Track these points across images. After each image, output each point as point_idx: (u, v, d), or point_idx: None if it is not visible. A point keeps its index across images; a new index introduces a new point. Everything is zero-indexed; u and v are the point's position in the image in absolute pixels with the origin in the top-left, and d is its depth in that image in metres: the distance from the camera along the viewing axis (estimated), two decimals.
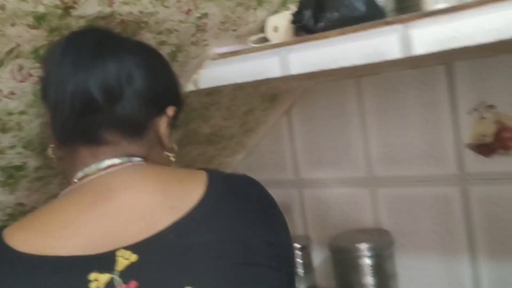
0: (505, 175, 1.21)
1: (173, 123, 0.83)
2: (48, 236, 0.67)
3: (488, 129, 1.22)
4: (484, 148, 1.23)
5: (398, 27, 0.84)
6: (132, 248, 0.66)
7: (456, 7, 0.79)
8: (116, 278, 0.64)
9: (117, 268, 0.65)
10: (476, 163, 1.24)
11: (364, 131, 1.40)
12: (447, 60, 1.23)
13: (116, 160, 0.76)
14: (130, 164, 0.76)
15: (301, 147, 1.53)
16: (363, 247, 1.28)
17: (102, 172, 0.75)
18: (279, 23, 1.05)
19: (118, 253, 0.65)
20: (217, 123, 1.39)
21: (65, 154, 0.80)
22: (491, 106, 1.21)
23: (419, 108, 1.30)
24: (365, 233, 1.36)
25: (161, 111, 0.80)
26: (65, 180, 1.16)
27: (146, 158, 0.79)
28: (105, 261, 0.65)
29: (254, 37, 1.10)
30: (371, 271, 1.27)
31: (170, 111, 0.81)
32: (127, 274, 0.64)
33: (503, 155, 1.21)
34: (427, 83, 1.28)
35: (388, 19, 0.86)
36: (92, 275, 0.64)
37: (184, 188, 0.72)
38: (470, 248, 1.27)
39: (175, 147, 0.84)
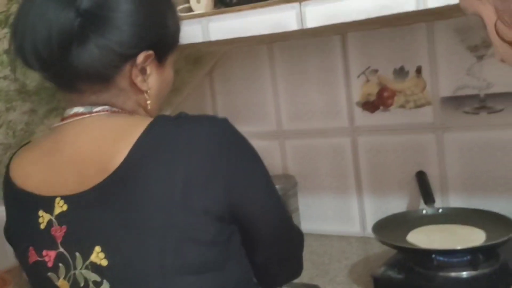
0: (386, 127, 1.49)
1: (159, 64, 0.81)
2: (25, 174, 0.80)
3: (373, 90, 1.49)
4: (369, 106, 1.50)
5: (295, 5, 1.07)
6: (65, 198, 0.76)
7: None
8: (53, 220, 0.76)
9: (54, 213, 0.76)
10: (363, 118, 1.52)
11: (275, 90, 1.64)
12: (342, 31, 1.48)
13: (80, 109, 0.79)
14: (88, 116, 0.78)
15: (221, 104, 1.74)
16: None
17: (68, 120, 0.80)
18: None
19: (56, 200, 0.76)
20: None
21: None
22: (375, 71, 1.48)
23: (319, 72, 1.55)
24: (274, 178, 1.60)
25: (132, 56, 0.78)
26: (9, 130, 1.32)
27: (115, 105, 0.80)
28: (48, 203, 0.76)
29: (180, 7, 1.28)
30: None
31: (141, 57, 0.78)
32: (60, 219, 0.76)
33: (384, 111, 1.49)
34: (326, 50, 1.53)
35: None
36: (40, 212, 0.77)
37: (117, 145, 0.74)
38: (358, 187, 1.56)
39: (150, 89, 0.81)
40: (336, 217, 1.60)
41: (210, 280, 0.74)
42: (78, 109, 0.79)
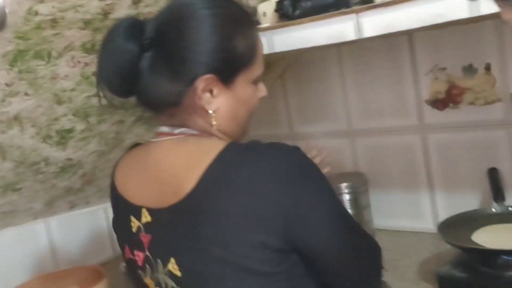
0: (456, 124, 1.49)
1: (226, 86, 0.84)
2: (123, 181, 0.92)
3: (441, 87, 1.49)
4: (438, 103, 1.51)
5: (352, 16, 1.12)
6: (149, 210, 0.85)
7: (393, 1, 1.06)
8: (141, 227, 0.86)
9: (141, 221, 0.86)
10: (432, 115, 1.53)
11: (344, 91, 1.69)
12: (409, 32, 1.49)
13: (165, 129, 0.87)
14: (170, 138, 0.86)
15: (294, 105, 1.81)
16: (343, 186, 1.59)
17: (158, 138, 0.88)
18: (267, 9, 1.32)
19: (142, 210, 0.85)
20: None
21: None
22: (443, 69, 1.48)
23: (387, 70, 1.58)
24: (345, 176, 1.67)
25: (190, 83, 0.83)
26: (102, 140, 1.48)
27: (190, 126, 0.86)
28: (137, 212, 0.86)
29: None
30: (350, 204, 1.58)
31: (199, 82, 0.82)
32: (146, 227, 0.85)
33: (453, 108, 1.49)
34: (394, 50, 1.55)
35: (345, 10, 1.13)
36: (132, 217, 0.88)
37: (189, 171, 0.79)
38: (429, 184, 1.57)
39: (221, 107, 0.85)
40: (407, 213, 1.63)
41: None
42: (164, 129, 0.88)
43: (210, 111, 0.84)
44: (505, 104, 1.40)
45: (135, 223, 0.87)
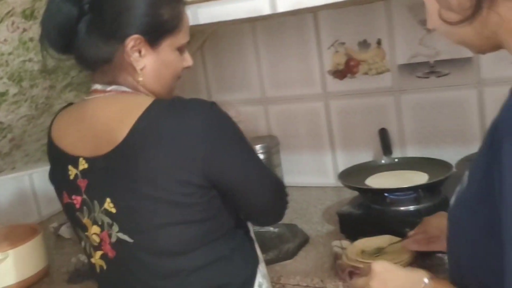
0: (353, 92, 1.74)
1: (153, 47, 0.96)
2: (60, 134, 1.02)
3: (341, 60, 1.73)
4: (338, 74, 1.74)
5: None
6: (86, 159, 0.96)
7: None
8: (79, 173, 0.98)
9: (79, 168, 0.97)
10: (334, 84, 1.76)
11: (258, 62, 1.88)
12: (314, 10, 1.70)
13: (98, 86, 0.98)
14: (102, 95, 0.97)
15: (212, 75, 1.98)
16: (258, 147, 1.78)
17: (90, 96, 0.99)
18: None
19: (80, 160, 0.97)
20: None
21: None
22: (342, 43, 1.71)
23: (295, 45, 1.79)
24: (260, 138, 1.87)
25: (120, 41, 0.93)
26: (33, 104, 1.55)
27: (120, 83, 0.97)
28: (74, 161, 0.97)
29: None
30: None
31: (128, 40, 0.93)
32: (83, 174, 0.96)
33: (351, 78, 1.73)
34: (301, 26, 1.76)
35: None
36: (69, 167, 1.00)
37: (120, 123, 0.92)
38: (331, 144, 1.81)
39: (147, 66, 0.96)
40: (313, 171, 1.86)
41: (193, 230, 0.94)
42: (97, 87, 0.99)
43: (138, 68, 0.96)
44: (392, 74, 1.66)
45: (72, 171, 0.98)
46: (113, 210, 0.94)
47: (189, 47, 1.93)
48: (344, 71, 1.73)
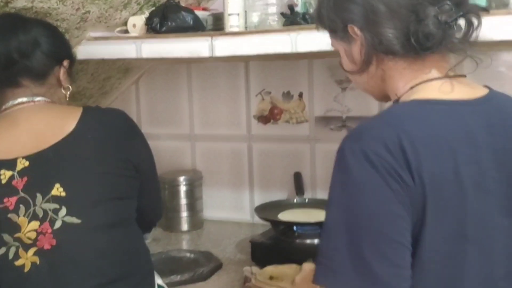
0: (274, 137, 1.91)
1: (69, 72, 1.25)
2: None
3: (266, 107, 1.91)
4: (263, 119, 1.92)
5: (208, 38, 1.45)
6: (26, 157, 1.07)
7: (240, 32, 1.43)
8: (15, 174, 1.08)
9: (16, 169, 1.08)
10: (258, 128, 1.93)
11: (190, 101, 2.02)
12: (246, 60, 1.89)
13: (24, 99, 1.16)
14: (32, 103, 1.16)
15: (145, 108, 2.09)
16: (181, 178, 1.90)
17: (15, 108, 1.15)
18: (137, 22, 1.60)
19: (18, 160, 1.09)
20: (82, 84, 1.88)
21: None
22: (268, 92, 1.90)
23: (226, 89, 1.95)
24: (184, 171, 1.98)
25: (59, 63, 1.22)
26: None
27: (47, 96, 1.18)
28: (10, 164, 1.08)
29: (119, 29, 1.63)
30: (185, 195, 1.89)
31: (65, 62, 1.23)
32: (22, 173, 1.08)
33: (273, 124, 1.91)
34: (232, 73, 1.94)
35: (202, 33, 1.47)
36: (2, 171, 1.08)
37: (64, 121, 1.11)
38: (250, 183, 1.96)
39: (69, 87, 1.24)
40: (231, 206, 2.00)
41: (127, 205, 1.14)
42: (22, 99, 1.16)
43: (68, 86, 1.25)
44: (310, 124, 1.86)
45: (6, 175, 1.07)
46: (63, 194, 1.05)
47: (125, 80, 2.06)
48: (268, 117, 1.91)
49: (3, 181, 1.07)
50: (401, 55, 0.83)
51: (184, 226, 1.90)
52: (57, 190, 1.05)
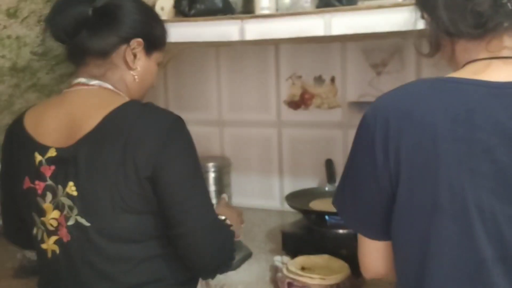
0: (305, 123, 1.86)
1: (146, 55, 1.11)
2: (35, 122, 1.08)
3: (297, 92, 1.85)
4: (293, 104, 1.87)
5: (238, 21, 1.41)
6: (57, 149, 1.03)
7: (271, 14, 1.37)
8: (43, 160, 1.05)
9: (45, 156, 1.05)
10: (288, 114, 1.88)
11: (219, 85, 1.98)
12: (276, 43, 1.83)
13: (83, 79, 1.07)
14: (86, 87, 1.06)
15: (172, 93, 2.06)
16: (210, 165, 1.87)
17: (72, 88, 1.08)
18: (165, 5, 1.56)
19: (50, 149, 1.03)
20: None
21: None
22: (299, 76, 1.84)
23: (256, 73, 1.90)
24: (212, 158, 1.95)
25: (125, 41, 1.07)
26: None
27: (106, 78, 1.07)
28: (43, 149, 1.05)
29: None
30: (214, 181, 1.86)
31: (134, 42, 1.08)
32: (49, 161, 1.03)
33: (304, 110, 1.86)
34: (262, 56, 1.88)
35: (232, 16, 1.42)
36: (36, 154, 1.05)
37: (94, 113, 1.01)
38: (280, 170, 1.92)
39: (139, 68, 1.09)
40: (260, 193, 1.96)
41: (147, 221, 1.02)
42: (81, 80, 1.08)
43: (135, 68, 1.10)
44: (343, 109, 1.80)
45: (37, 158, 1.04)
46: (75, 193, 1.01)
47: None
48: (299, 102, 1.85)
49: (36, 164, 1.05)
50: (460, 36, 0.85)
51: None
52: (71, 189, 1.01)
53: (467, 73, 0.83)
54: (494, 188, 0.75)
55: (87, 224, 1.01)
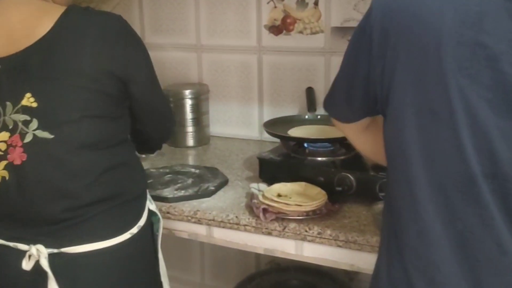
0: (286, 49, 1.78)
1: None
2: None
3: (278, 16, 1.76)
4: (274, 29, 1.78)
5: None
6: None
7: None
8: None
9: None
10: (268, 39, 1.80)
11: (197, 8, 1.87)
12: None
13: None
14: None
15: (147, 16, 1.95)
16: (187, 92, 1.79)
17: None
18: None
19: None
20: None
21: None
22: None
23: None
24: (190, 85, 1.88)
25: None
26: None
27: None
28: None
29: None
30: (191, 109, 1.80)
31: None
32: None
33: (285, 35, 1.77)
34: None
35: None
36: None
37: (39, 21, 0.97)
38: (259, 98, 1.86)
39: None
40: (239, 122, 1.90)
41: (108, 126, 1.01)
42: None
43: None
44: (326, 35, 1.72)
45: None
46: (34, 105, 0.95)
47: None
48: (280, 27, 1.77)
49: None
50: None
51: (190, 142, 1.82)
52: (28, 100, 0.95)
53: None
54: (491, 99, 0.70)
55: (50, 136, 0.95)
